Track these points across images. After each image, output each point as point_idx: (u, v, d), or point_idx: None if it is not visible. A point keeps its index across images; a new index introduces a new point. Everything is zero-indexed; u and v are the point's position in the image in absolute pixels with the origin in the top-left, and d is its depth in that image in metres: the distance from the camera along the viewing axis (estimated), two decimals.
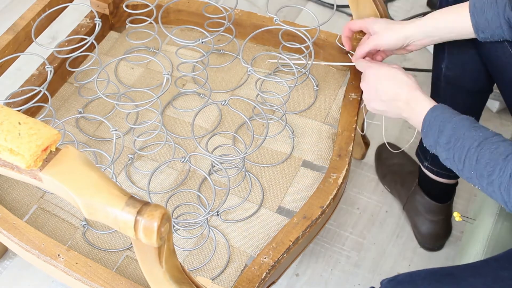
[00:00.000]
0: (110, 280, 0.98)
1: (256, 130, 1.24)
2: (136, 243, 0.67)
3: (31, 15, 1.22)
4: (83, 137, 1.24)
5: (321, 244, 1.42)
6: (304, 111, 1.27)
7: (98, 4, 1.39)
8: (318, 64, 1.31)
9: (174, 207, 1.13)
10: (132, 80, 1.34)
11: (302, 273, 1.38)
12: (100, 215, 0.64)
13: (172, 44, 1.40)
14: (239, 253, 1.08)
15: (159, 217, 0.62)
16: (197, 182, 1.17)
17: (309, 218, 1.06)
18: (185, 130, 1.25)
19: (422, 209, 1.39)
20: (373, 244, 1.43)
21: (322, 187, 1.11)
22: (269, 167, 1.19)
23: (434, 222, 1.38)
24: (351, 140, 1.16)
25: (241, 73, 1.35)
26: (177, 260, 0.73)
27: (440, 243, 1.42)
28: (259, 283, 1.00)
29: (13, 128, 0.66)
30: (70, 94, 1.32)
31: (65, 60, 1.28)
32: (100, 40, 1.41)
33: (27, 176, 0.68)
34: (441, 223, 1.39)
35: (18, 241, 1.03)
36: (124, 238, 1.10)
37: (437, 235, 1.40)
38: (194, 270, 1.06)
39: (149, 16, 1.26)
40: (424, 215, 1.39)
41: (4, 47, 1.18)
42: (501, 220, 1.06)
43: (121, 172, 1.19)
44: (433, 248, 1.42)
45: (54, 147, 0.67)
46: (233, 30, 1.27)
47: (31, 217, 1.13)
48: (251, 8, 1.93)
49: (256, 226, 1.11)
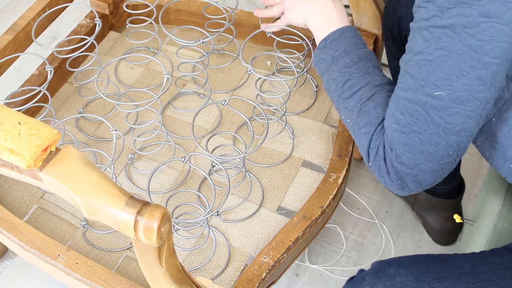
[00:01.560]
0: (110, 280, 0.98)
1: (256, 130, 1.24)
2: (136, 243, 0.67)
3: (31, 15, 1.22)
4: (83, 137, 1.24)
5: (321, 244, 1.42)
6: (304, 111, 1.27)
7: (98, 4, 1.39)
8: None
9: (174, 207, 1.13)
10: (132, 80, 1.34)
11: (302, 273, 1.38)
12: (100, 215, 0.64)
13: (172, 44, 1.40)
14: (239, 253, 1.08)
15: (159, 217, 0.62)
16: (197, 182, 1.17)
17: (309, 218, 1.06)
18: (185, 130, 1.25)
19: (431, 207, 1.40)
20: (373, 244, 1.43)
21: (322, 187, 1.11)
22: (269, 167, 1.19)
23: (446, 218, 1.39)
24: (351, 140, 1.17)
25: (241, 73, 1.35)
26: (177, 260, 0.73)
27: (454, 236, 1.43)
28: (259, 283, 1.00)
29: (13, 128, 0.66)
30: (70, 94, 1.32)
31: (65, 60, 1.28)
32: (100, 40, 1.41)
33: (27, 176, 0.68)
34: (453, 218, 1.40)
35: (18, 241, 1.03)
36: (124, 238, 1.10)
37: (451, 229, 1.42)
38: (194, 270, 1.06)
39: (149, 16, 1.26)
40: (435, 213, 1.40)
41: (4, 47, 1.18)
42: (501, 222, 1.06)
43: (121, 172, 1.19)
44: (448, 243, 1.43)
45: (54, 147, 0.67)
46: (233, 30, 1.27)
47: (31, 217, 1.13)
48: (251, 8, 1.93)
49: (256, 226, 1.11)
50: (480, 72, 0.76)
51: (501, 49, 0.75)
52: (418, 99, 0.82)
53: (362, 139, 0.92)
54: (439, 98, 0.79)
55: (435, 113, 0.81)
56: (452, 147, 0.83)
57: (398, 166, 0.87)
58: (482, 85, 0.77)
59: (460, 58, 0.76)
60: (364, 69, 0.95)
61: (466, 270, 0.86)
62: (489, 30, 0.74)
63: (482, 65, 0.76)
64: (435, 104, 0.80)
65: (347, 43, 0.98)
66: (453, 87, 0.78)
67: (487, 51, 0.75)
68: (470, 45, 0.75)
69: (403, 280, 0.85)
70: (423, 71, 0.80)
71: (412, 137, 0.84)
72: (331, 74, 0.98)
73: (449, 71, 0.78)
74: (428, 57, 0.79)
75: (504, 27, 0.73)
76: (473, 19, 0.74)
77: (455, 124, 0.81)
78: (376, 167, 0.91)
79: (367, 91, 0.93)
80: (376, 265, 0.92)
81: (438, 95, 0.79)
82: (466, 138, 0.83)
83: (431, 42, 0.78)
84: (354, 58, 0.96)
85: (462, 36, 0.75)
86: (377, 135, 0.90)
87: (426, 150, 0.84)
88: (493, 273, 0.86)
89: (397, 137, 0.86)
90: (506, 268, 0.87)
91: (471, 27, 0.74)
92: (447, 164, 0.86)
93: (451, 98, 0.79)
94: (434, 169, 0.86)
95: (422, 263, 0.89)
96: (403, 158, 0.86)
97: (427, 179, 0.88)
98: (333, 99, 0.99)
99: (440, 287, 0.84)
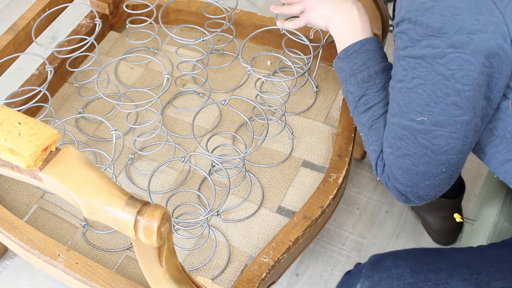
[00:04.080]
0: (110, 280, 0.98)
1: (256, 130, 1.24)
2: (136, 243, 0.67)
3: (31, 15, 1.22)
4: (83, 137, 1.24)
5: (321, 244, 1.42)
6: (304, 112, 1.27)
7: (98, 4, 1.39)
8: (317, 64, 1.31)
9: (174, 207, 1.13)
10: (132, 80, 1.34)
11: (302, 273, 1.38)
12: (100, 215, 0.64)
13: (172, 44, 1.40)
14: (239, 253, 1.08)
15: (159, 217, 0.62)
16: (197, 182, 1.17)
17: (309, 218, 1.06)
18: (185, 130, 1.25)
19: (431, 207, 1.40)
20: (373, 244, 1.43)
21: (322, 187, 1.11)
22: (269, 167, 1.19)
23: (446, 218, 1.39)
24: (351, 140, 1.17)
25: (241, 73, 1.35)
26: (177, 260, 0.73)
27: (454, 236, 1.43)
28: (259, 283, 1.00)
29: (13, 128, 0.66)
30: (70, 94, 1.32)
31: (65, 60, 1.28)
32: (100, 40, 1.41)
33: (27, 176, 0.68)
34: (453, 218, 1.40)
35: (18, 241, 1.03)
36: (124, 238, 1.10)
37: (451, 229, 1.42)
38: (194, 270, 1.06)
39: (149, 16, 1.26)
40: (435, 213, 1.40)
41: (4, 47, 1.18)
42: (501, 221, 1.06)
43: (121, 172, 1.19)
44: (448, 243, 1.43)
45: (54, 147, 0.67)
46: (233, 30, 1.27)
47: (31, 217, 1.13)
48: (251, 8, 1.93)
49: (256, 226, 1.11)
50: (454, 98, 0.80)
51: (470, 77, 0.78)
52: (404, 124, 0.86)
53: (371, 155, 0.96)
54: (422, 123, 0.83)
55: (421, 136, 0.84)
56: (443, 165, 0.86)
57: (399, 186, 0.91)
58: (459, 109, 0.81)
59: (435, 85, 0.81)
60: (381, 84, 0.96)
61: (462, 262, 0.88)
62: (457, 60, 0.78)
63: (455, 92, 0.80)
64: (420, 129, 0.84)
65: (367, 56, 0.98)
66: (432, 112, 0.82)
67: (457, 79, 0.79)
68: (442, 74, 0.79)
69: (399, 271, 0.87)
70: (405, 98, 0.84)
71: (405, 160, 0.87)
72: (349, 87, 0.99)
73: (427, 98, 0.82)
74: (407, 85, 0.83)
75: (470, 57, 0.77)
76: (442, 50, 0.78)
77: (441, 145, 0.84)
78: (384, 181, 0.94)
79: (380, 108, 0.95)
80: (373, 257, 0.93)
81: (421, 120, 0.83)
82: (456, 156, 0.86)
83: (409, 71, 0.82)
84: (371, 72, 0.97)
85: (434, 66, 0.80)
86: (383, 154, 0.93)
87: (420, 171, 0.87)
88: (489, 266, 0.87)
89: (392, 161, 0.89)
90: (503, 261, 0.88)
91: (441, 57, 0.79)
92: (444, 179, 0.89)
93: (432, 123, 0.83)
94: (432, 185, 0.89)
95: (419, 256, 0.90)
96: (400, 179, 0.90)
97: (427, 194, 0.91)
98: (350, 109, 1.01)
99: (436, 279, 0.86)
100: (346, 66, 1.00)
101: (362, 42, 1.00)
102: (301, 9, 1.12)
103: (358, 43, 1.00)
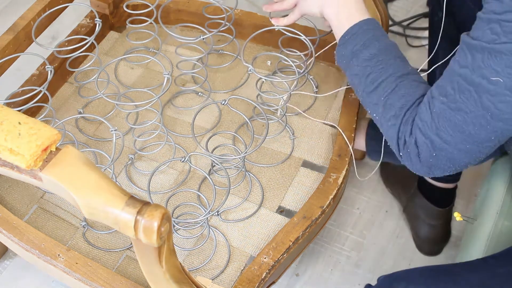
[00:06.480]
0: (110, 280, 0.98)
1: (256, 130, 1.24)
2: (136, 243, 0.67)
3: (31, 15, 1.22)
4: (83, 137, 1.24)
5: (321, 244, 1.42)
6: (304, 112, 1.27)
7: (98, 4, 1.39)
8: (318, 64, 1.31)
9: (174, 207, 1.13)
10: (132, 80, 1.34)
11: (302, 273, 1.38)
12: (100, 215, 0.64)
13: (172, 44, 1.40)
14: (239, 253, 1.08)
15: (159, 217, 0.62)
16: (197, 182, 1.17)
17: (309, 218, 1.06)
18: (185, 130, 1.25)
19: (421, 212, 1.38)
20: (373, 244, 1.43)
21: (322, 187, 1.11)
22: (269, 167, 1.19)
23: (433, 226, 1.37)
24: (351, 140, 1.17)
25: (241, 73, 1.35)
26: (177, 260, 0.73)
27: (438, 247, 1.41)
28: (259, 283, 1.00)
29: (13, 128, 0.66)
30: (70, 94, 1.32)
31: (65, 60, 1.28)
32: (100, 40, 1.41)
33: (27, 176, 0.68)
34: (440, 228, 1.38)
35: (18, 241, 1.04)
36: (124, 238, 1.10)
37: (435, 240, 1.39)
38: (194, 270, 1.06)
39: (149, 17, 1.26)
40: (423, 219, 1.38)
41: (4, 47, 1.18)
42: (501, 220, 1.06)
43: (121, 172, 1.19)
44: (431, 253, 1.41)
45: (54, 147, 0.67)
46: (233, 30, 1.27)
47: (31, 217, 1.13)
48: (251, 8, 1.93)
49: (256, 226, 1.11)
50: None
51: None
52: (472, 79, 0.79)
53: (390, 132, 0.91)
54: (495, 84, 0.77)
55: (486, 97, 0.78)
56: (495, 133, 0.81)
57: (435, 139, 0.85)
58: None
59: None
60: (385, 61, 0.93)
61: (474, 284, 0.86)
62: None
63: None
64: (489, 89, 0.78)
65: (366, 36, 0.95)
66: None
67: None
68: None
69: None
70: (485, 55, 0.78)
71: (457, 115, 0.82)
72: (353, 69, 0.96)
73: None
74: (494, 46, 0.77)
75: None
76: None
77: (505, 112, 0.79)
78: (406, 156, 0.89)
79: (389, 83, 0.91)
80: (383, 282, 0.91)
81: (495, 81, 0.77)
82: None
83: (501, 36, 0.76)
84: (373, 51, 0.94)
85: None
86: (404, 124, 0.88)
87: (468, 131, 0.82)
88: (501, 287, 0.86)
89: (442, 110, 0.83)
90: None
91: None
92: (486, 148, 0.83)
93: (508, 86, 0.77)
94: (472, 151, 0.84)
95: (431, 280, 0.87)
96: (442, 132, 0.84)
97: (462, 159, 0.85)
98: (358, 94, 0.97)
99: None
100: (346, 50, 0.97)
101: (360, 23, 0.97)
102: (293, 3, 1.10)
103: (355, 26, 0.97)
